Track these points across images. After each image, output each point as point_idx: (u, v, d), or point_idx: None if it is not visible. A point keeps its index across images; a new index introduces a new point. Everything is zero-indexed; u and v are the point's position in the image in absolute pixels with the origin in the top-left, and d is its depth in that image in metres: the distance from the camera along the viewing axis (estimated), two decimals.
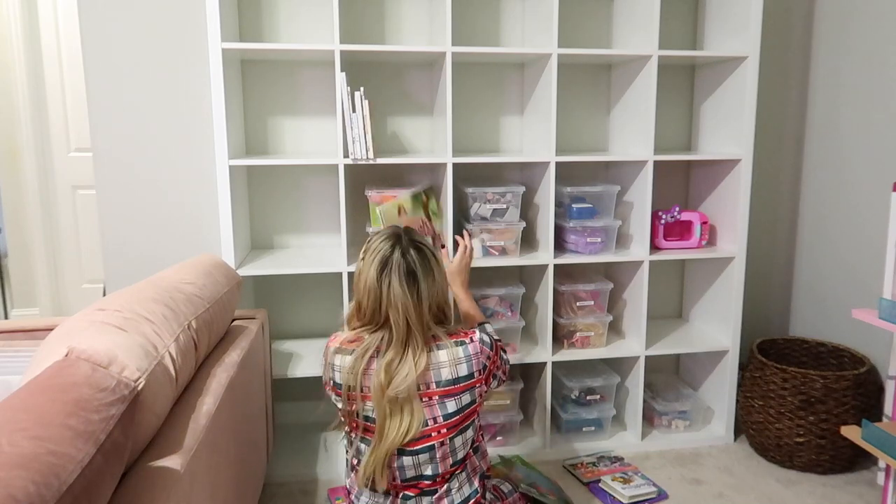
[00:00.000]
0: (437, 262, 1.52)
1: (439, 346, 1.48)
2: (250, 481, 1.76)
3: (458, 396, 1.47)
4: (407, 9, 2.47)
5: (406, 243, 1.49)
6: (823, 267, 2.62)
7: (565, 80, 2.57)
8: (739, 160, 2.40)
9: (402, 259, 1.46)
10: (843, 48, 2.48)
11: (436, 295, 1.50)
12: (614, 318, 2.60)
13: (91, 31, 2.32)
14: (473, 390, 1.49)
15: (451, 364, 1.46)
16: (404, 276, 1.45)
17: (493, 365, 1.56)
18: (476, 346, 1.51)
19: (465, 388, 1.47)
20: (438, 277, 1.51)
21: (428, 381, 1.45)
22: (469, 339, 1.51)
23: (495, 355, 1.57)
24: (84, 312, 1.26)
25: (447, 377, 1.45)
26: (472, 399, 1.49)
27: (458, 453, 1.50)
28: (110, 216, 2.44)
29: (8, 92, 3.68)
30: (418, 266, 1.46)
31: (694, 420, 2.57)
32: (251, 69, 2.43)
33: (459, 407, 1.47)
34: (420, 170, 2.53)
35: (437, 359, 1.46)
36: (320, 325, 2.61)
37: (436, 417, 1.45)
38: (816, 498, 2.17)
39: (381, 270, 1.45)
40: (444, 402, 1.45)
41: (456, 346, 1.48)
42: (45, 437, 0.82)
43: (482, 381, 1.51)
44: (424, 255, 1.49)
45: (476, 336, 1.52)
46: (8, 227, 3.82)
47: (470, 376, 1.48)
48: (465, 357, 1.48)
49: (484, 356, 1.51)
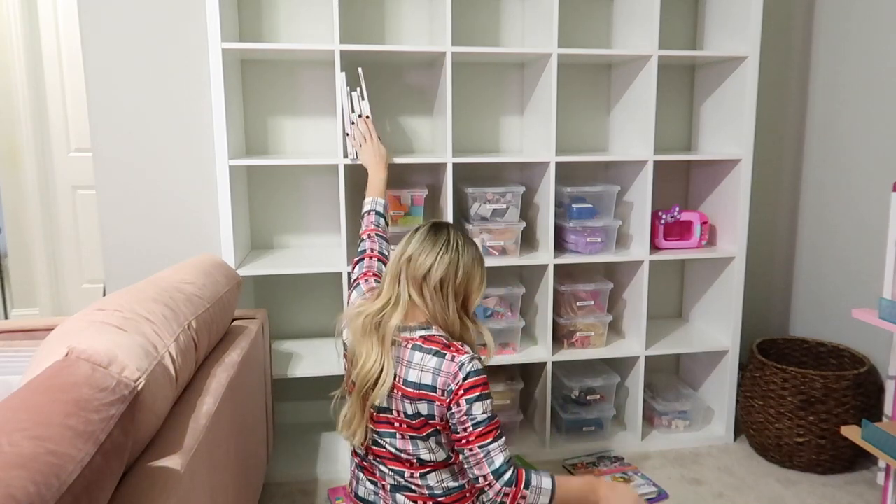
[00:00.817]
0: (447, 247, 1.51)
1: (416, 346, 1.45)
2: (250, 481, 1.76)
3: (413, 402, 1.43)
4: (407, 9, 2.47)
5: (440, 224, 1.57)
6: (823, 267, 2.62)
7: (565, 80, 2.57)
8: (739, 160, 2.40)
9: (416, 228, 1.57)
10: (843, 48, 2.48)
11: (419, 260, 1.49)
12: (614, 318, 2.60)
13: (91, 31, 2.32)
14: (432, 405, 1.41)
15: (419, 368, 1.43)
16: (408, 235, 1.56)
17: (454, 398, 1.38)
18: (451, 365, 1.40)
19: (423, 396, 1.42)
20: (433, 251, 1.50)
21: (400, 373, 1.45)
22: (449, 356, 1.42)
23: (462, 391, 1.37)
24: (84, 312, 1.26)
25: (412, 379, 1.43)
26: (430, 413, 1.42)
27: (422, 454, 1.48)
28: (110, 216, 2.44)
29: (8, 92, 3.68)
30: (426, 235, 1.53)
31: (694, 420, 2.57)
32: (251, 69, 2.43)
33: (414, 412, 1.43)
34: (420, 169, 2.53)
35: (410, 357, 1.45)
36: (320, 325, 2.61)
37: (398, 411, 1.46)
38: (816, 498, 2.17)
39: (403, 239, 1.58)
40: (404, 400, 1.44)
41: (431, 355, 1.43)
42: (45, 437, 0.82)
43: (443, 404, 1.40)
44: (437, 232, 1.54)
45: (459, 357, 1.41)
46: (8, 227, 3.82)
47: (432, 388, 1.41)
48: (433, 367, 1.42)
49: (453, 381, 1.39)
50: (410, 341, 1.47)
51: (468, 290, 1.54)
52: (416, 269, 1.49)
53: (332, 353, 2.40)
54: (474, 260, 1.54)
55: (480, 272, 1.56)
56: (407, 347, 1.46)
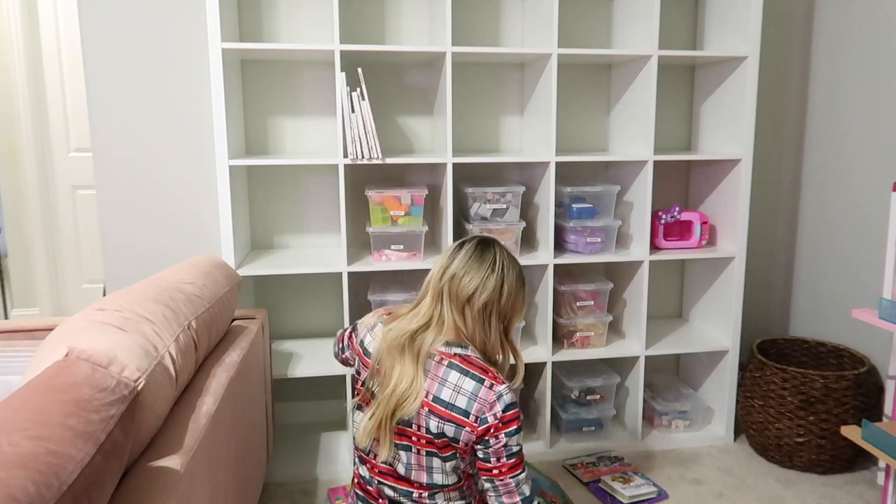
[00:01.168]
0: (499, 271, 1.44)
1: (452, 364, 1.39)
2: (250, 481, 1.76)
3: (442, 421, 1.36)
4: (407, 9, 2.47)
5: (482, 240, 1.49)
6: (823, 267, 2.62)
7: (565, 80, 2.57)
8: (739, 160, 2.40)
9: (460, 243, 1.49)
10: (843, 48, 2.48)
11: (463, 282, 1.41)
12: (614, 318, 2.60)
13: (91, 31, 2.32)
14: (461, 429, 1.36)
15: (453, 388, 1.37)
16: (451, 249, 1.48)
17: (494, 429, 1.35)
18: (489, 392, 1.35)
19: (453, 419, 1.36)
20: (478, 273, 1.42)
21: (429, 389, 1.39)
22: (488, 383, 1.36)
23: (501, 424, 1.35)
24: (84, 312, 1.26)
25: (444, 397, 1.37)
26: (455, 437, 1.37)
27: (434, 476, 1.42)
28: (110, 216, 2.44)
29: (8, 92, 3.68)
30: (469, 252, 1.45)
31: (694, 420, 2.57)
32: (251, 69, 2.43)
33: (440, 432, 1.37)
34: (420, 170, 2.53)
35: (444, 375, 1.38)
36: (320, 325, 2.61)
37: (420, 426, 1.40)
38: (816, 498, 2.17)
39: (444, 252, 1.51)
40: (430, 416, 1.38)
41: (467, 377, 1.37)
42: (45, 437, 0.82)
43: (474, 430, 1.35)
44: (484, 251, 1.46)
45: (498, 387, 1.36)
46: (8, 227, 3.82)
47: (465, 413, 1.35)
48: (469, 391, 1.36)
49: (489, 409, 1.35)
50: (446, 357, 1.40)
51: (511, 312, 1.48)
52: (461, 289, 1.42)
53: (332, 354, 2.40)
54: (518, 280, 1.48)
55: (524, 293, 1.51)
56: (442, 364, 1.40)
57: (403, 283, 2.40)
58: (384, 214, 2.28)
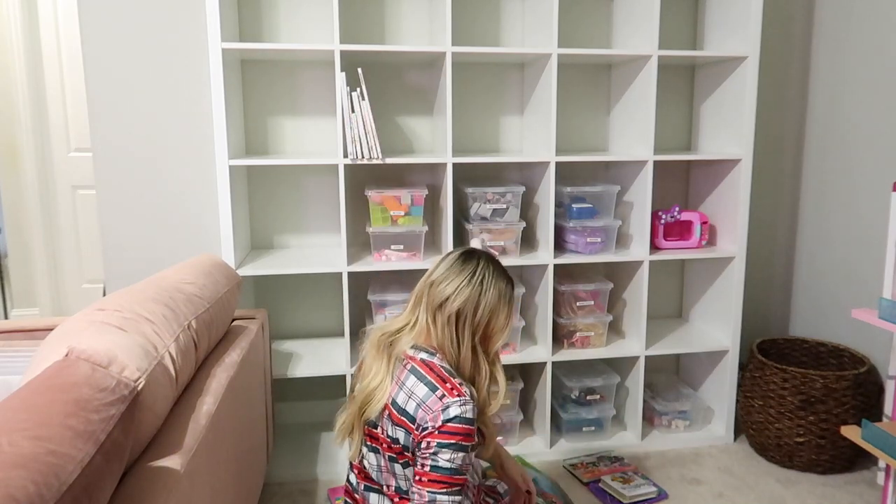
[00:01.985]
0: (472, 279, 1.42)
1: (413, 369, 1.38)
2: (250, 481, 1.76)
3: (395, 426, 1.36)
4: (407, 9, 2.47)
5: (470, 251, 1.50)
6: (823, 267, 2.62)
7: (565, 80, 2.57)
8: (739, 160, 2.40)
9: (450, 252, 1.51)
10: (843, 48, 2.48)
11: (441, 286, 1.41)
12: (614, 318, 2.60)
13: (91, 31, 2.32)
14: (409, 436, 1.34)
15: (408, 393, 1.36)
16: (441, 257, 1.50)
17: (430, 437, 1.30)
18: (437, 402, 1.31)
19: (402, 423, 1.35)
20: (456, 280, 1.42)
21: (392, 393, 1.39)
22: (440, 393, 1.32)
23: (437, 433, 1.29)
24: (84, 312, 1.26)
25: (399, 402, 1.37)
26: (406, 444, 1.35)
27: (400, 482, 1.41)
28: (110, 216, 2.44)
29: (8, 92, 3.68)
30: (453, 263, 1.46)
31: (694, 420, 2.57)
32: (251, 69, 2.43)
33: (393, 436, 1.37)
34: (420, 170, 2.53)
35: (405, 379, 1.38)
36: (320, 325, 2.61)
37: (384, 429, 1.40)
38: (816, 498, 2.17)
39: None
40: (388, 421, 1.38)
41: (421, 384, 1.35)
42: (45, 437, 0.82)
43: (416, 438, 1.33)
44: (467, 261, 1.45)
45: (448, 399, 1.31)
46: (8, 227, 3.82)
47: (411, 419, 1.34)
48: (420, 398, 1.34)
49: (431, 418, 1.30)
50: (410, 361, 1.40)
51: (488, 328, 1.44)
52: (435, 295, 1.42)
53: (333, 353, 2.40)
54: (501, 298, 1.43)
55: (506, 312, 1.45)
56: (405, 368, 1.40)
57: (403, 283, 2.40)
58: (384, 214, 2.28)
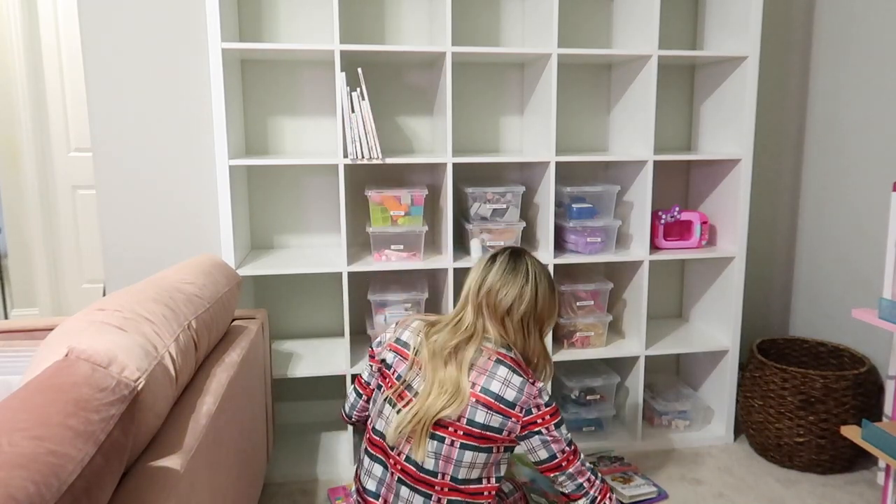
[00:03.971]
0: (532, 280, 1.53)
1: (501, 360, 1.49)
2: (250, 481, 1.76)
3: (490, 412, 1.44)
4: (407, 9, 2.47)
5: (513, 252, 1.58)
6: (823, 267, 2.62)
7: (565, 80, 2.57)
8: (739, 160, 2.40)
9: (495, 255, 1.58)
10: (843, 48, 2.48)
11: (500, 295, 1.52)
12: (614, 318, 2.60)
13: (91, 31, 2.32)
14: (507, 419, 1.45)
15: (503, 381, 1.46)
16: (485, 261, 1.57)
17: (540, 419, 1.47)
18: (532, 388, 1.47)
19: (500, 410, 1.44)
20: (526, 291, 1.52)
21: (476, 381, 1.46)
22: (530, 380, 1.48)
23: (548, 415, 1.48)
24: (84, 312, 1.26)
25: (493, 389, 1.45)
26: (501, 427, 1.45)
27: (462, 469, 1.46)
28: (110, 216, 2.44)
29: (8, 92, 3.68)
30: (501, 264, 1.55)
31: (694, 420, 2.57)
32: (251, 69, 2.43)
33: (486, 423, 1.44)
34: (420, 170, 2.53)
35: (494, 369, 1.47)
36: (320, 325, 2.61)
37: (462, 417, 1.45)
38: (816, 498, 2.17)
39: (479, 263, 1.61)
40: (476, 407, 1.45)
41: (515, 374, 1.47)
42: (45, 437, 0.82)
43: (519, 420, 1.45)
44: (518, 264, 1.56)
45: (538, 384, 1.49)
46: (8, 227, 3.82)
47: (511, 405, 1.45)
48: (517, 386, 1.46)
49: (534, 402, 1.46)
50: (495, 354, 1.50)
51: (545, 317, 1.58)
52: (499, 303, 1.52)
53: (333, 354, 2.40)
54: (549, 287, 1.58)
55: (556, 297, 1.60)
56: (490, 360, 1.49)
57: (403, 283, 2.40)
58: (384, 214, 2.28)
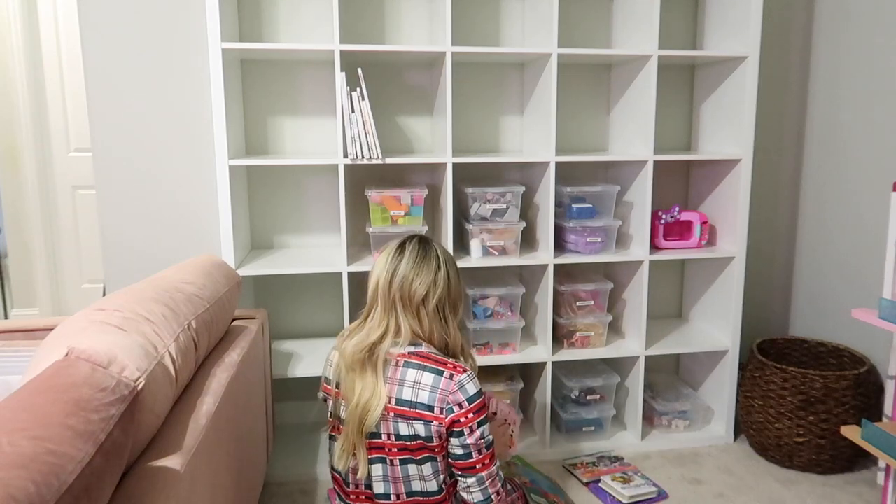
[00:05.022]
0: (442, 265, 1.48)
1: (408, 363, 1.41)
2: (250, 481, 1.76)
3: (410, 422, 1.39)
4: (407, 9, 2.47)
5: (416, 239, 1.52)
6: (823, 267, 2.62)
7: (565, 80, 2.57)
8: (739, 160, 2.40)
9: (400, 246, 1.50)
10: (843, 48, 2.48)
11: (414, 285, 1.43)
12: (614, 318, 2.60)
13: (91, 31, 2.32)
14: (429, 425, 1.38)
15: (413, 385, 1.39)
16: (391, 254, 1.49)
17: (463, 418, 1.37)
18: (449, 383, 1.37)
19: (419, 416, 1.38)
20: (439, 278, 1.46)
21: (391, 394, 1.40)
22: (447, 374, 1.39)
23: (472, 412, 1.38)
24: (84, 312, 1.26)
25: (406, 397, 1.39)
26: (428, 435, 1.39)
27: (412, 483, 1.43)
28: (110, 216, 2.44)
29: (8, 92, 3.68)
30: (409, 253, 1.47)
31: (694, 420, 2.57)
32: (251, 69, 2.43)
33: (412, 433, 1.39)
34: (420, 170, 2.53)
35: (402, 375, 1.40)
36: (320, 325, 2.61)
37: (389, 434, 1.41)
38: (816, 498, 2.17)
39: (385, 255, 1.51)
40: (397, 421, 1.40)
41: (425, 371, 1.39)
42: (45, 437, 0.82)
43: (442, 423, 1.38)
44: (427, 251, 1.49)
45: (458, 376, 1.39)
46: (8, 227, 3.82)
47: (428, 408, 1.37)
48: (430, 385, 1.38)
49: (453, 399, 1.37)
50: (401, 358, 1.42)
51: (458, 303, 1.52)
52: (413, 293, 1.44)
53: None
54: (457, 271, 1.53)
55: (462, 283, 1.54)
56: (398, 366, 1.41)
57: None
58: (384, 214, 2.28)
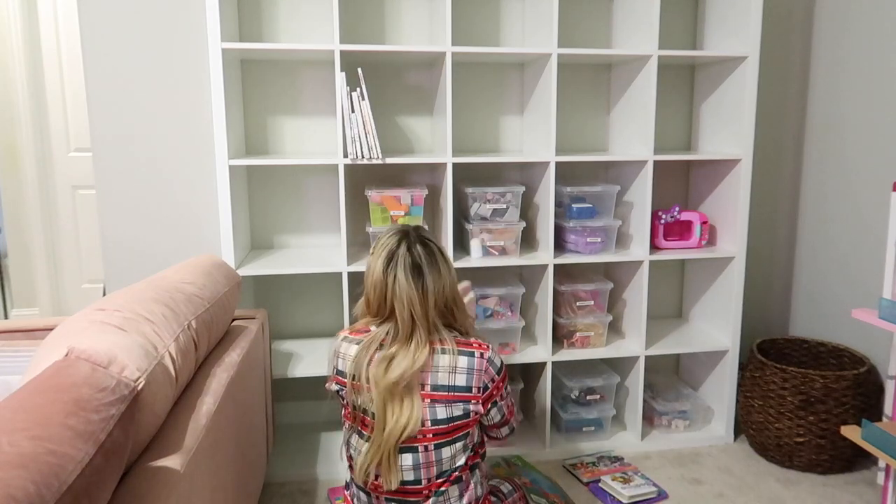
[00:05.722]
0: (445, 259, 1.52)
1: (443, 349, 1.46)
2: (250, 481, 1.76)
3: (448, 405, 1.44)
4: (407, 9, 2.47)
5: (413, 239, 1.51)
6: (823, 267, 2.62)
7: (565, 80, 2.57)
8: (739, 160, 2.40)
9: (408, 253, 1.49)
10: (843, 48, 2.48)
11: (442, 291, 1.49)
12: (614, 317, 2.60)
13: (91, 31, 2.32)
14: (467, 405, 1.46)
15: (449, 370, 1.45)
16: (409, 270, 1.47)
17: (496, 390, 1.51)
18: (482, 362, 1.47)
19: (457, 398, 1.44)
20: (445, 273, 1.50)
21: (424, 381, 1.44)
22: (478, 354, 1.48)
23: (501, 382, 1.52)
24: (84, 312, 1.26)
25: (443, 382, 1.44)
26: (465, 413, 1.46)
27: (444, 464, 1.47)
28: (110, 216, 2.44)
29: (8, 92, 3.68)
30: (423, 260, 1.48)
31: (694, 420, 2.57)
32: (251, 69, 2.43)
33: (449, 416, 1.44)
34: (420, 170, 2.53)
35: (437, 362, 1.45)
36: (320, 325, 2.61)
37: (425, 421, 1.44)
38: (816, 498, 2.17)
39: (387, 264, 1.48)
40: (434, 406, 1.44)
41: (459, 355, 1.46)
42: (45, 437, 0.82)
43: (479, 401, 1.47)
44: (431, 250, 1.51)
45: (487, 354, 1.49)
46: (8, 227, 3.82)
47: (467, 389, 1.45)
48: (465, 368, 1.45)
49: (487, 377, 1.48)
50: (429, 345, 1.46)
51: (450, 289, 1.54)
52: (446, 298, 1.49)
53: None
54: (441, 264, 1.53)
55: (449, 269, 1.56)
56: (431, 354, 1.46)
57: None
58: (384, 214, 2.28)
